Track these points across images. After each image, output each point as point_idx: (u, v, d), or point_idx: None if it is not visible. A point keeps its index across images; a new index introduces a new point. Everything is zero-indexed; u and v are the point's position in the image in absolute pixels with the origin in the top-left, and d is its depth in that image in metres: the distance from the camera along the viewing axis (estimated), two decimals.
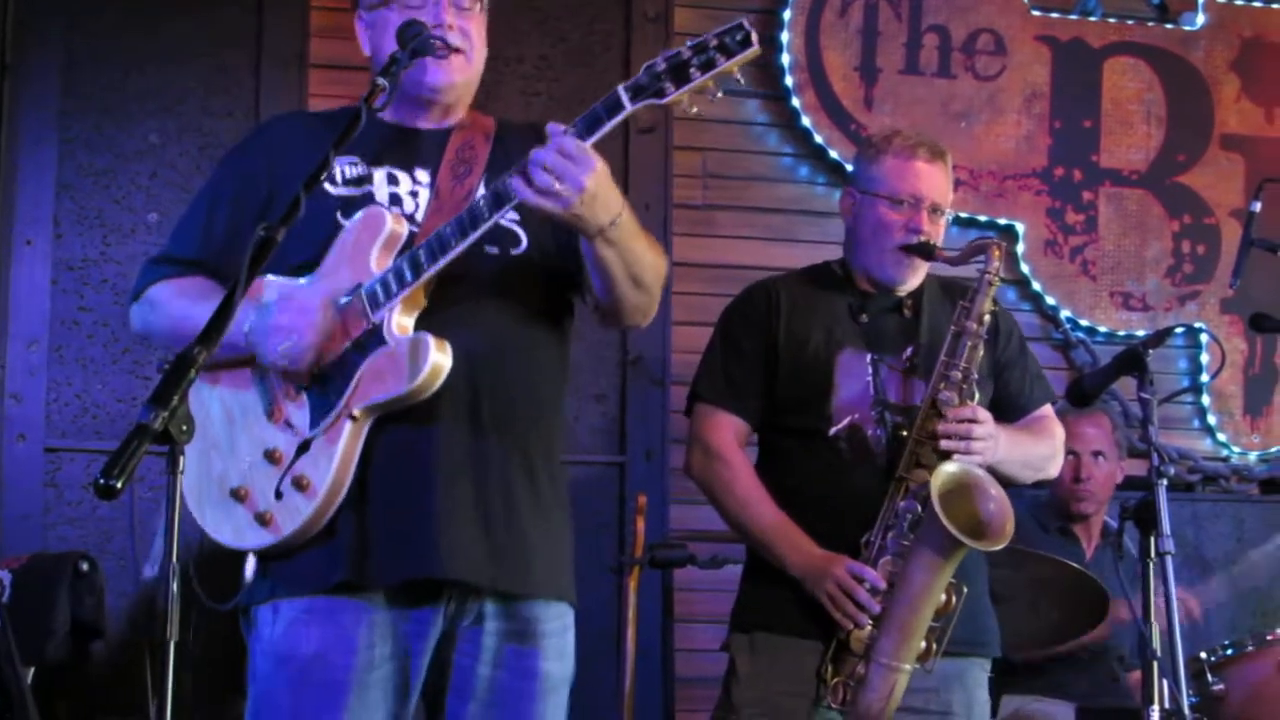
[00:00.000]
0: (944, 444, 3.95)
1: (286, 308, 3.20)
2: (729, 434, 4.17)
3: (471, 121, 3.50)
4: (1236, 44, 6.94)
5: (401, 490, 3.20)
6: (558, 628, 3.39)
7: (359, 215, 3.29)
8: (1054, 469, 4.39)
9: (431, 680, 3.29)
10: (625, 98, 3.06)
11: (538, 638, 3.34)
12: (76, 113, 6.03)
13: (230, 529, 3.22)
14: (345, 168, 3.36)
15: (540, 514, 3.35)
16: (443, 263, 3.15)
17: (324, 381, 3.20)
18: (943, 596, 3.95)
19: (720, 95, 3.09)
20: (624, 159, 6.22)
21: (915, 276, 4.22)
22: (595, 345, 3.63)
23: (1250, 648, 4.93)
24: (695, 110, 3.12)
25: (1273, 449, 6.79)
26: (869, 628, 3.92)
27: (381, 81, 3.16)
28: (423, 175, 3.40)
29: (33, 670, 4.68)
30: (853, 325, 4.19)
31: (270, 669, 3.24)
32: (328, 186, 3.30)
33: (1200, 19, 6.90)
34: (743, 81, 3.14)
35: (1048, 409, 4.37)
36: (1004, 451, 4.06)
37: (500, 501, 3.28)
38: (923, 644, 3.94)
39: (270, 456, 3.20)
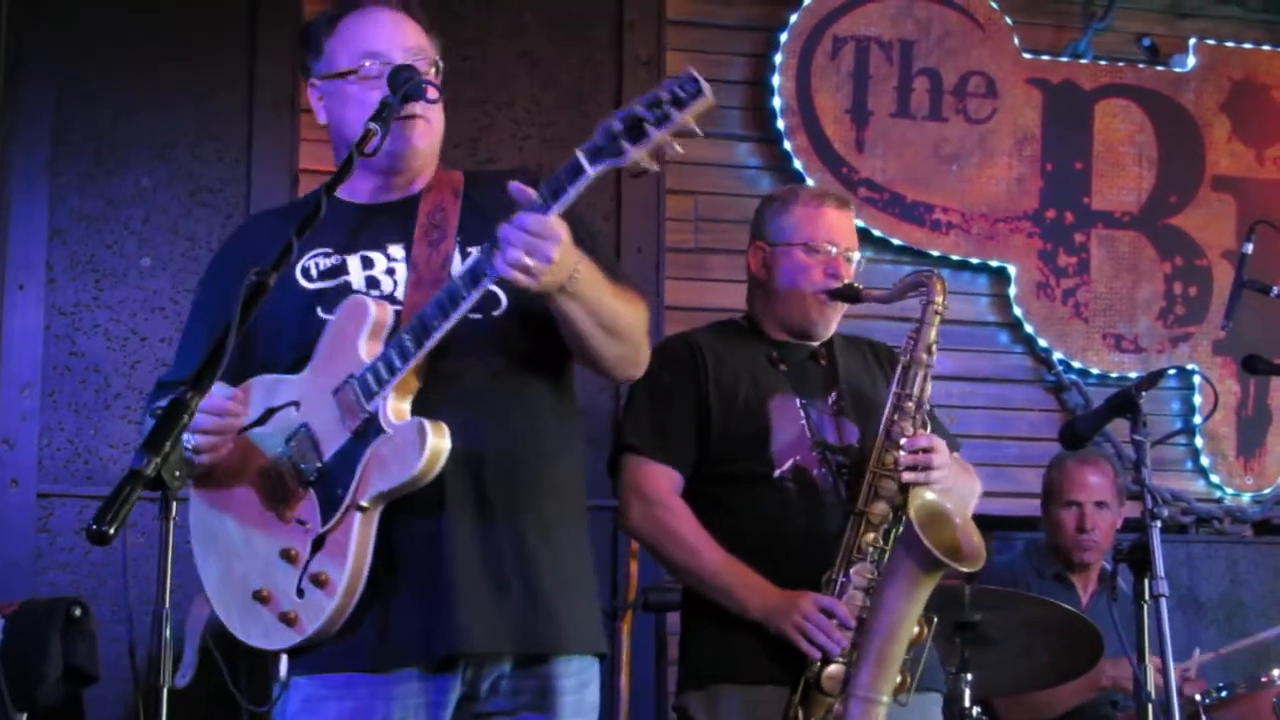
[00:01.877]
0: (905, 475, 3.92)
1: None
2: (667, 484, 4.10)
3: (437, 181, 3.46)
4: (1227, 86, 6.97)
5: (416, 572, 3.19)
6: (576, 684, 3.34)
7: (341, 307, 3.27)
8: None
9: None
10: (585, 161, 3.03)
11: (556, 696, 3.30)
12: (68, 157, 6.03)
13: (259, 632, 3.20)
14: (318, 260, 3.34)
15: (559, 570, 3.32)
16: (429, 345, 3.13)
17: (329, 475, 3.18)
18: (915, 628, 3.94)
19: (680, 150, 3.07)
20: (616, 202, 6.24)
21: (833, 324, 4.21)
22: (586, 391, 3.64)
23: (1243, 690, 4.92)
24: (668, 157, 3.06)
25: (1266, 490, 6.80)
26: (841, 664, 3.88)
27: (373, 126, 3.13)
28: (396, 251, 3.35)
29: (25, 717, 4.67)
30: (775, 373, 4.17)
31: None
32: (304, 284, 3.30)
33: (1191, 61, 6.93)
34: (700, 134, 3.10)
35: (957, 457, 4.29)
36: (953, 481, 4.06)
37: (514, 565, 3.25)
38: (898, 676, 3.92)
39: (287, 556, 3.18)
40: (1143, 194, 6.87)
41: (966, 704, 4.57)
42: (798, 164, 6.47)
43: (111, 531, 2.58)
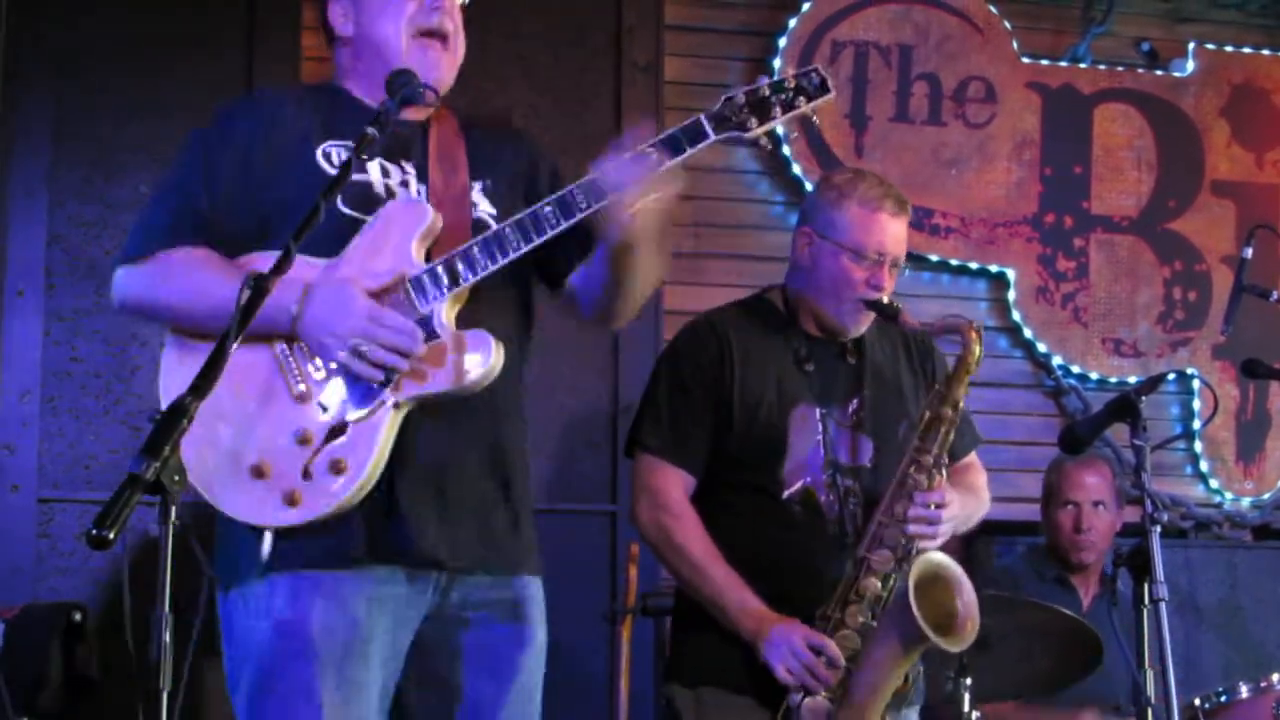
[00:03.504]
0: (911, 528, 3.93)
1: (334, 293, 3.20)
2: (679, 490, 4.11)
3: (440, 115, 3.51)
4: (1226, 90, 6.98)
5: (410, 477, 3.24)
6: (537, 599, 3.46)
7: (393, 205, 3.31)
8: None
9: (420, 646, 3.34)
10: (709, 126, 3.16)
11: (526, 607, 3.42)
12: (67, 163, 6.04)
13: (248, 504, 3.19)
14: (339, 151, 3.35)
15: (525, 503, 3.45)
16: (503, 262, 3.20)
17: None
18: (900, 681, 3.96)
19: (795, 134, 3.15)
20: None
21: (865, 326, 4.18)
22: (587, 395, 3.63)
23: (1245, 694, 4.93)
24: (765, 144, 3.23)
25: (1266, 495, 6.81)
26: (825, 699, 3.89)
27: (371, 132, 3.13)
28: (409, 168, 3.40)
29: None
30: (800, 376, 4.14)
31: (274, 639, 3.23)
32: (324, 166, 3.31)
33: (1190, 65, 6.95)
34: (818, 124, 3.19)
35: (974, 457, 4.36)
36: (961, 524, 4.11)
37: (498, 493, 3.37)
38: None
39: (300, 438, 3.18)
40: (1142, 198, 6.88)
41: (966, 708, 4.58)
42: (797, 169, 6.48)
43: (111, 536, 2.58)
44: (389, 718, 3.32)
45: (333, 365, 3.20)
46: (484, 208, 3.42)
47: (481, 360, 3.20)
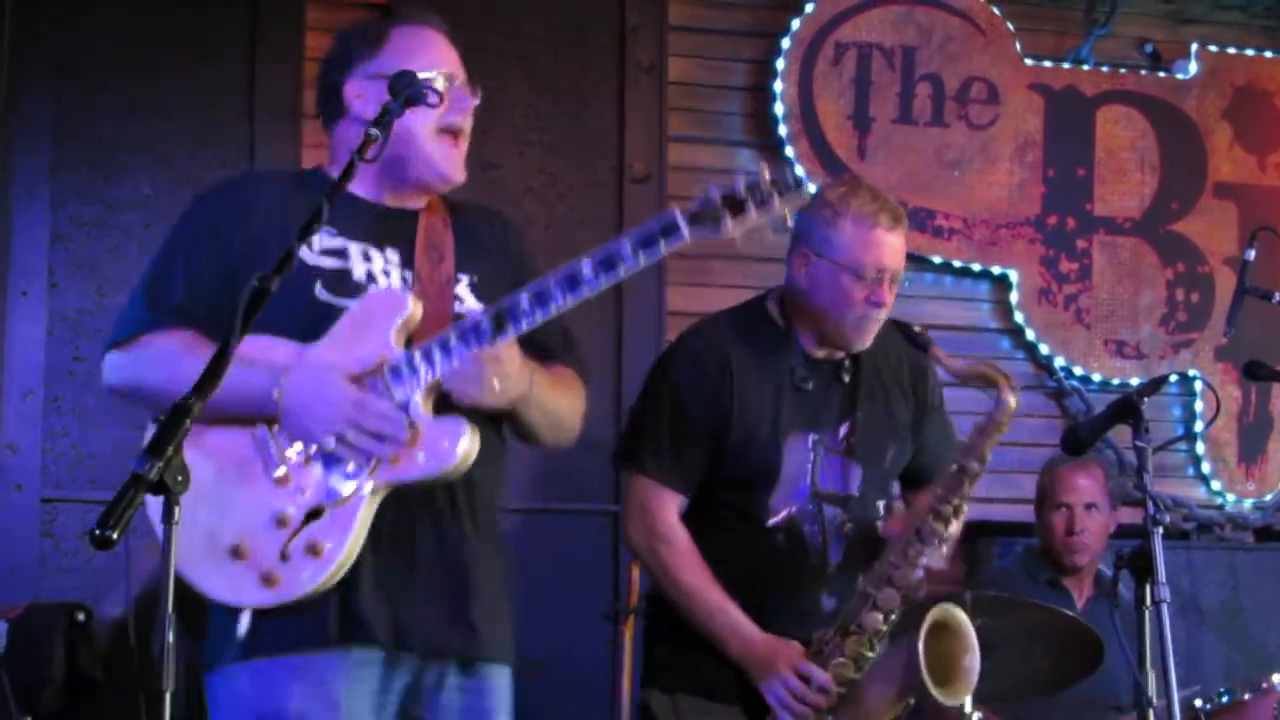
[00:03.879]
0: (919, 565, 3.96)
1: (317, 378, 3.24)
2: (673, 513, 4.10)
3: (431, 204, 3.54)
4: (1229, 92, 6.98)
5: (386, 561, 3.28)
6: (506, 687, 3.49)
7: (372, 294, 3.34)
8: None
9: None
10: (683, 223, 3.15)
11: (493, 695, 3.45)
12: (69, 164, 6.04)
13: (226, 585, 3.22)
14: (322, 236, 3.35)
15: (498, 590, 3.48)
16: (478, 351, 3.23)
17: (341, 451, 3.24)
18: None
19: (772, 236, 3.19)
20: (619, 209, 6.25)
21: (870, 339, 4.13)
22: (590, 395, 3.64)
23: (1246, 696, 4.93)
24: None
25: (1268, 496, 6.81)
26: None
27: (374, 132, 3.16)
28: (392, 255, 3.43)
29: None
30: (796, 399, 4.12)
31: None
32: (303, 252, 3.26)
33: (1193, 68, 6.95)
34: (789, 223, 3.25)
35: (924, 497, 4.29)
36: None
37: (472, 579, 3.40)
38: None
39: (278, 518, 3.21)
40: (1145, 200, 6.89)
41: (967, 709, 4.58)
42: (800, 170, 6.44)
43: (115, 536, 2.60)
44: None
45: (313, 449, 3.23)
46: (469, 302, 3.44)
47: (457, 448, 3.23)
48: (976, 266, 6.72)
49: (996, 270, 6.74)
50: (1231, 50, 6.98)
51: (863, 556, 4.08)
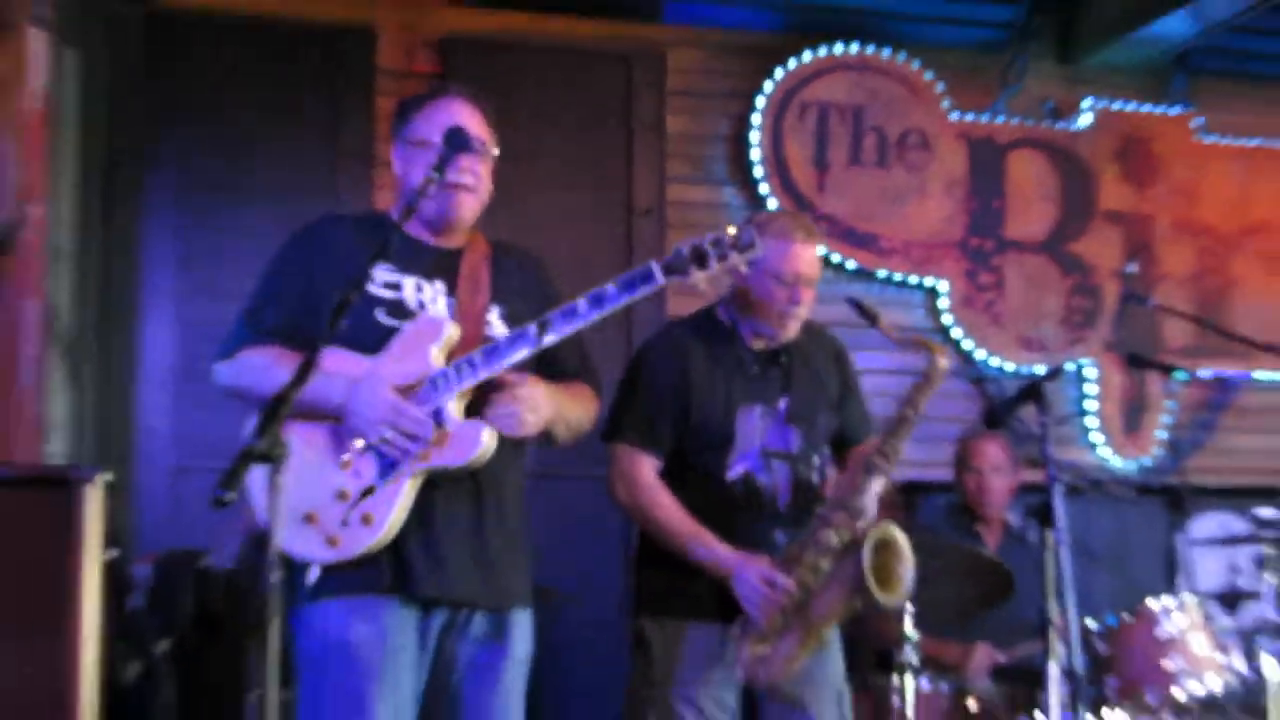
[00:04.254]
0: (866, 500, 3.94)
1: (370, 387, 3.28)
2: (650, 471, 4.08)
3: (474, 243, 3.54)
4: (1115, 139, 6.97)
5: (426, 527, 3.32)
6: (522, 622, 3.51)
7: (420, 319, 3.38)
8: None
9: (436, 662, 3.41)
10: (658, 272, 3.25)
11: (510, 633, 3.47)
12: (192, 200, 6.06)
13: (300, 544, 3.28)
14: (381, 271, 3.39)
15: (517, 551, 3.51)
16: (498, 368, 3.29)
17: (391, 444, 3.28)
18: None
19: (729, 280, 3.21)
20: (627, 236, 6.25)
21: (794, 331, 4.12)
22: (602, 361, 3.62)
23: (1127, 618, 4.92)
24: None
25: (1145, 460, 6.83)
26: (778, 622, 3.90)
27: (433, 174, 3.25)
28: (439, 286, 3.45)
29: (167, 643, 4.72)
30: (744, 380, 4.11)
31: (324, 653, 3.32)
32: (370, 285, 3.36)
33: (1086, 120, 6.95)
34: (745, 271, 3.34)
35: (871, 440, 4.25)
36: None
37: (495, 544, 3.42)
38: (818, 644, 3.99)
39: (340, 495, 3.27)
40: (1047, 226, 6.88)
41: (909, 630, 4.57)
42: (771, 204, 6.47)
43: (229, 497, 2.65)
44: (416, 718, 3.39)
45: (369, 442, 3.28)
46: (497, 328, 3.44)
47: (478, 445, 3.27)
48: (913, 279, 6.72)
49: (929, 282, 6.73)
50: (1116, 106, 6.96)
51: (803, 499, 4.07)
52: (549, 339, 3.29)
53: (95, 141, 5.62)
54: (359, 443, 3.30)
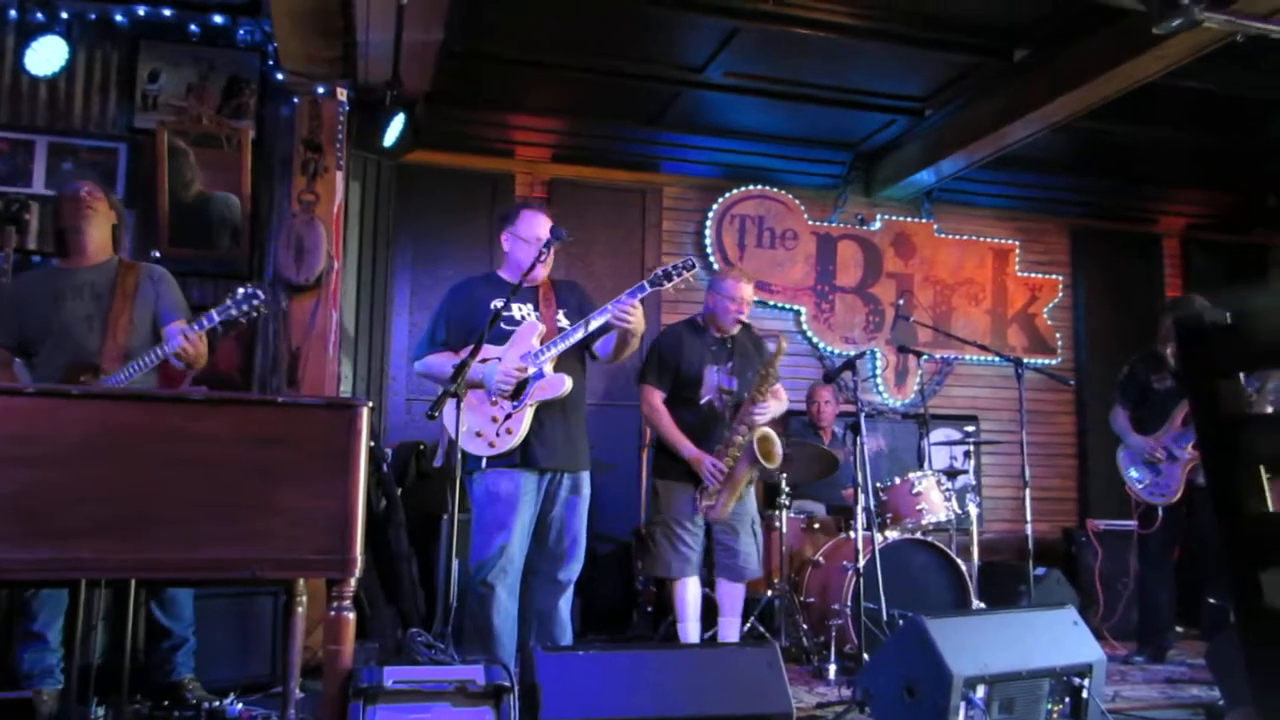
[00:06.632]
0: (755, 418, 3.87)
1: (494, 367, 3.21)
2: (659, 400, 4.00)
3: (545, 284, 3.46)
4: (893, 235, 6.87)
5: (539, 433, 3.25)
6: (587, 480, 3.42)
7: (525, 325, 3.31)
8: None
9: (544, 503, 3.33)
10: (649, 284, 3.22)
11: (582, 485, 3.39)
12: (417, 261, 5.95)
13: (474, 447, 3.22)
14: (498, 300, 3.33)
15: (583, 441, 3.41)
16: (566, 345, 3.22)
17: (516, 392, 3.22)
18: (752, 476, 3.88)
19: (691, 282, 3.17)
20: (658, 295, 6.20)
21: (735, 330, 4.05)
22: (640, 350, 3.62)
23: (896, 481, 4.90)
24: (679, 285, 3.24)
25: (906, 400, 6.72)
26: (718, 486, 3.86)
27: (545, 253, 3.21)
28: (529, 306, 3.38)
29: (399, 490, 4.55)
30: (708, 352, 4.03)
31: (486, 497, 3.25)
32: (494, 306, 3.30)
33: (878, 225, 6.85)
34: (694, 280, 3.25)
35: (779, 388, 4.12)
36: (775, 413, 3.99)
37: (572, 437, 3.34)
38: (739, 494, 3.90)
39: (493, 419, 3.20)
40: (857, 279, 6.78)
41: (782, 484, 4.54)
42: (716, 268, 6.41)
43: (436, 415, 2.63)
44: (531, 538, 3.31)
45: (504, 395, 3.21)
46: (563, 323, 3.37)
47: (563, 386, 3.22)
48: (789, 306, 6.63)
49: (796, 307, 6.65)
50: (894, 218, 6.88)
51: (736, 416, 3.99)
52: (593, 325, 3.22)
53: (367, 231, 5.59)
54: (500, 396, 3.22)
